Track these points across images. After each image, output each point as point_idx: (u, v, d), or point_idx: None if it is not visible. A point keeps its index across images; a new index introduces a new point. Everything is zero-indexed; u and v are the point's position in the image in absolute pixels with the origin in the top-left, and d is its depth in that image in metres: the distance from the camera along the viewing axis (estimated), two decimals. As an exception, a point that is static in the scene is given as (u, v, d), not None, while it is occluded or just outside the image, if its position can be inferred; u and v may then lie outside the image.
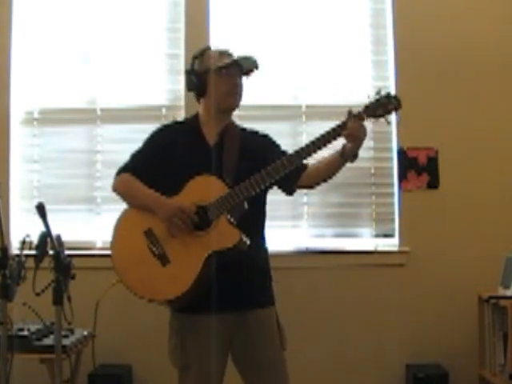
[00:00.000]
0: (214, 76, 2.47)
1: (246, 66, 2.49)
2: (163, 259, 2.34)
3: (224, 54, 2.52)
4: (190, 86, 2.55)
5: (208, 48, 2.58)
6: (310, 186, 2.59)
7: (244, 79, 2.53)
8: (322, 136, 2.35)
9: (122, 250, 2.40)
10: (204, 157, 2.45)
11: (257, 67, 2.50)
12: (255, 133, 2.63)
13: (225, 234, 2.30)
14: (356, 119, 2.32)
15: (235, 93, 2.50)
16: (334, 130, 2.34)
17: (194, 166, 2.41)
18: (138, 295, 2.34)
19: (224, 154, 2.45)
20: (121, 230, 2.44)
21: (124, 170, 2.53)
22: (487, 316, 3.57)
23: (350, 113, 2.34)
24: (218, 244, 2.29)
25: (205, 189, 2.35)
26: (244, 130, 2.62)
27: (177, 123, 2.69)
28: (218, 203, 2.32)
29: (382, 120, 2.38)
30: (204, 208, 2.33)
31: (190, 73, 2.54)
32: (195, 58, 2.55)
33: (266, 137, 2.62)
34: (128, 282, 2.35)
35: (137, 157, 2.54)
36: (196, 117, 2.57)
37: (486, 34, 3.85)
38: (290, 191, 2.55)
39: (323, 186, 3.79)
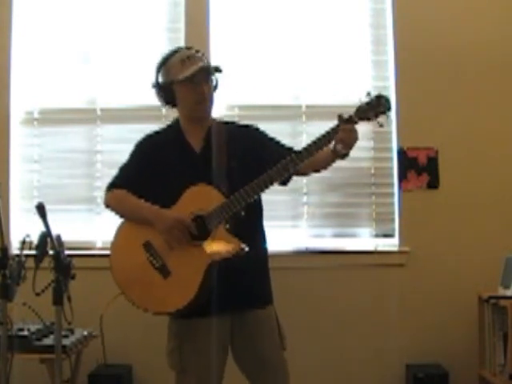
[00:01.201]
0: (179, 87, 2.44)
1: (210, 69, 2.46)
2: (164, 271, 2.33)
3: (185, 61, 2.45)
4: (159, 100, 2.53)
5: (168, 56, 2.51)
6: (302, 174, 2.59)
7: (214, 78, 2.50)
8: (315, 141, 2.34)
9: (122, 264, 2.40)
10: (192, 165, 2.44)
11: (220, 71, 2.47)
12: (238, 125, 2.62)
13: (224, 244, 2.30)
14: (347, 123, 2.32)
15: (203, 101, 2.46)
16: (325, 135, 2.34)
17: (183, 175, 2.40)
18: (142, 309, 2.34)
19: (212, 159, 2.43)
20: (119, 243, 2.43)
21: (114, 184, 2.51)
22: (487, 316, 3.57)
23: (340, 117, 2.34)
24: (218, 254, 2.29)
25: (201, 198, 2.35)
26: (227, 124, 2.59)
27: (159, 132, 2.62)
28: (216, 213, 2.31)
29: (375, 121, 2.38)
30: (202, 217, 2.33)
31: (155, 87, 2.51)
32: (158, 70, 2.51)
33: (252, 129, 2.60)
34: (131, 296, 2.36)
35: (125, 170, 2.53)
36: (177, 123, 2.56)
37: (486, 34, 3.84)
38: (284, 183, 2.55)
39: (323, 185, 3.84)
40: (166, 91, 2.47)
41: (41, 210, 2.21)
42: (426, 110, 3.82)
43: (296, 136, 3.90)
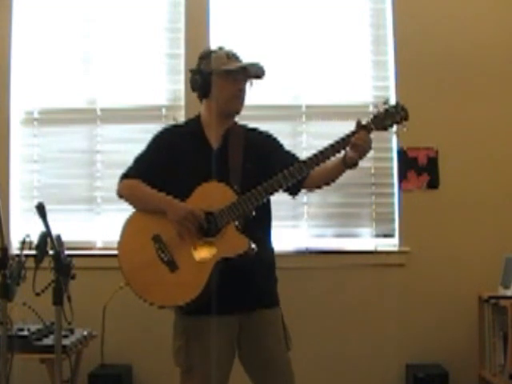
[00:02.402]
0: (220, 79, 2.46)
1: (253, 72, 2.49)
2: (172, 265, 2.33)
3: (231, 57, 2.50)
4: (194, 86, 2.53)
5: (215, 49, 2.55)
6: (312, 188, 2.60)
7: (247, 85, 2.52)
8: (332, 145, 2.34)
9: (129, 255, 2.38)
10: (208, 161, 2.44)
11: (263, 74, 2.50)
12: (257, 131, 2.62)
13: (233, 242, 2.30)
14: (364, 130, 2.32)
15: (239, 97, 2.49)
16: (343, 139, 2.34)
17: (198, 170, 2.40)
18: (147, 301, 2.33)
19: (228, 157, 2.44)
20: (128, 234, 2.42)
21: (128, 174, 2.50)
22: (487, 316, 3.57)
23: (358, 123, 2.33)
24: (227, 251, 2.29)
25: (213, 195, 2.35)
26: (246, 128, 2.61)
27: (178, 126, 2.65)
28: (227, 210, 2.31)
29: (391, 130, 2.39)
30: (213, 214, 2.33)
31: (195, 72, 2.52)
32: (202, 58, 2.53)
33: (267, 135, 2.62)
34: (137, 287, 2.33)
35: (140, 161, 2.52)
36: (197, 119, 2.56)
37: (487, 34, 3.84)
38: (294, 193, 2.56)
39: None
40: (205, 80, 2.48)
41: (41, 210, 2.21)
42: (426, 110, 3.82)
43: (296, 136, 3.90)
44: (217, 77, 2.46)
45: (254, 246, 2.29)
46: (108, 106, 3.98)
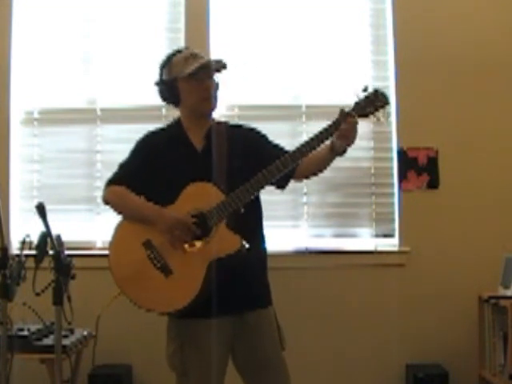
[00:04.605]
0: (184, 83, 2.45)
1: (214, 66, 2.47)
2: (165, 270, 2.32)
3: (190, 58, 2.47)
4: (162, 97, 2.54)
5: (173, 54, 2.53)
6: (301, 179, 2.60)
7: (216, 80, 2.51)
8: (316, 136, 2.35)
9: (121, 263, 2.38)
10: (193, 164, 2.44)
11: (225, 67, 2.48)
12: (242, 128, 2.61)
13: (225, 241, 2.30)
14: (348, 119, 2.32)
15: (208, 97, 2.46)
16: (327, 129, 2.35)
17: (184, 173, 2.39)
18: (143, 308, 2.33)
19: (213, 158, 2.43)
20: (118, 242, 2.41)
21: (113, 180, 2.50)
22: (487, 316, 3.57)
23: (342, 111, 2.35)
24: (220, 251, 2.29)
25: (200, 196, 2.34)
26: (229, 125, 2.60)
27: (161, 130, 2.63)
28: (216, 210, 2.31)
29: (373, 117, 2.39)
30: (203, 216, 2.32)
31: (159, 84, 2.52)
32: (162, 67, 2.52)
33: (252, 130, 2.60)
34: (132, 295, 2.33)
35: (125, 167, 2.51)
36: (179, 122, 2.55)
37: (486, 34, 3.84)
38: (282, 186, 2.56)
39: (323, 185, 3.85)
40: (170, 88, 2.48)
41: (41, 210, 2.21)
42: (426, 110, 3.82)
43: (296, 136, 3.90)
44: (180, 82, 2.46)
45: (245, 243, 2.29)
46: (108, 106, 3.98)
